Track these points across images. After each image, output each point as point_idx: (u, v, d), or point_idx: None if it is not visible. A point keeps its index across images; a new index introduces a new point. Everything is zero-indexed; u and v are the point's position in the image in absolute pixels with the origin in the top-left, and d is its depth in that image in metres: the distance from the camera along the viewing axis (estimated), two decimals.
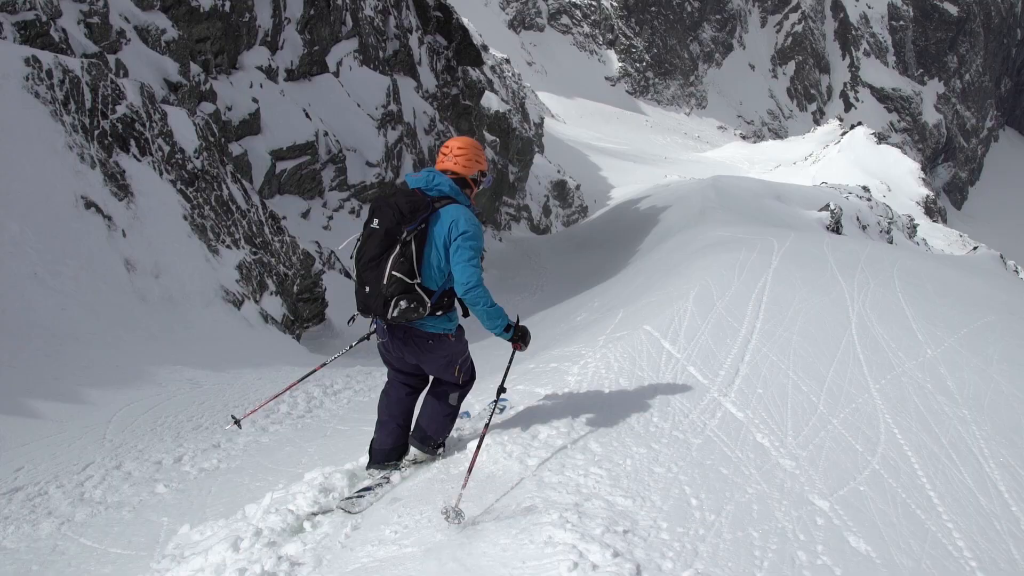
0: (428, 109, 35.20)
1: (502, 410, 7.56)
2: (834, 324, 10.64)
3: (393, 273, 5.84)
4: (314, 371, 7.68)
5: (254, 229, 18.64)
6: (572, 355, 9.51)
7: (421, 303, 5.93)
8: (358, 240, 6.11)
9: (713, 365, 8.54)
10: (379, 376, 13.60)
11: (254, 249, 18.13)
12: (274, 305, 18.02)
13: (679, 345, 9.10)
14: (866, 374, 8.65)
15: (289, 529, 6.06)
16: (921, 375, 8.76)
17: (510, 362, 6.83)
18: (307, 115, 26.45)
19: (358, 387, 12.85)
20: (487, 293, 6.03)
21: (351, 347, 7.71)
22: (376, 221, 5.94)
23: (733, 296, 11.71)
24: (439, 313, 6.15)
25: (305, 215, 25.90)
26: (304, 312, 19.89)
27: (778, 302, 11.52)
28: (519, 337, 6.31)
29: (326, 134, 27.23)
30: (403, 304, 5.85)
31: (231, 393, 11.89)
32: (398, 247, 5.85)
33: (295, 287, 19.52)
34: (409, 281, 5.87)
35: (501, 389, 6.63)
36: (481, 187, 6.47)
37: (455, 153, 6.29)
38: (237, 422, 6.88)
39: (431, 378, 6.68)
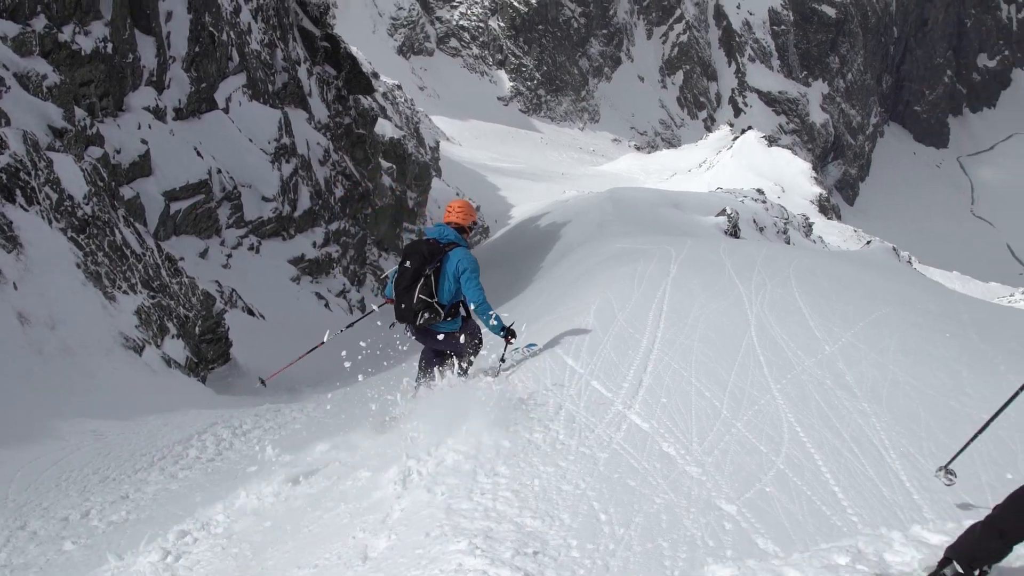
0: (322, 140, 34.92)
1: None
2: (733, 328, 10.77)
3: (419, 296, 9.18)
4: (319, 345, 11.52)
5: (151, 273, 18.33)
6: (476, 378, 9.50)
7: (437, 313, 9.28)
8: (395, 273, 9.58)
9: (616, 378, 8.58)
10: (288, 414, 13.44)
11: (152, 293, 17.82)
12: (176, 349, 17.70)
13: (582, 360, 9.13)
14: (767, 375, 8.75)
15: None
16: (820, 372, 8.90)
17: (504, 350, 9.99)
18: (199, 153, 26.10)
19: (267, 426, 12.66)
20: (489, 307, 9.39)
21: (352, 324, 11.78)
22: (408, 262, 9.29)
23: (633, 307, 11.79)
24: (448, 319, 9.44)
25: (203, 255, 25.53)
26: (208, 353, 19.57)
27: (678, 310, 11.63)
28: (510, 335, 9.61)
29: (219, 171, 26.88)
30: (426, 315, 9.23)
31: (137, 441, 11.65)
32: (422, 279, 9.19)
33: (197, 329, 19.21)
34: (429, 300, 9.21)
35: (501, 359, 10.01)
36: (473, 232, 10.05)
37: (456, 210, 9.79)
38: (263, 382, 10.71)
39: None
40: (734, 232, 48.41)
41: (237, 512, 7.26)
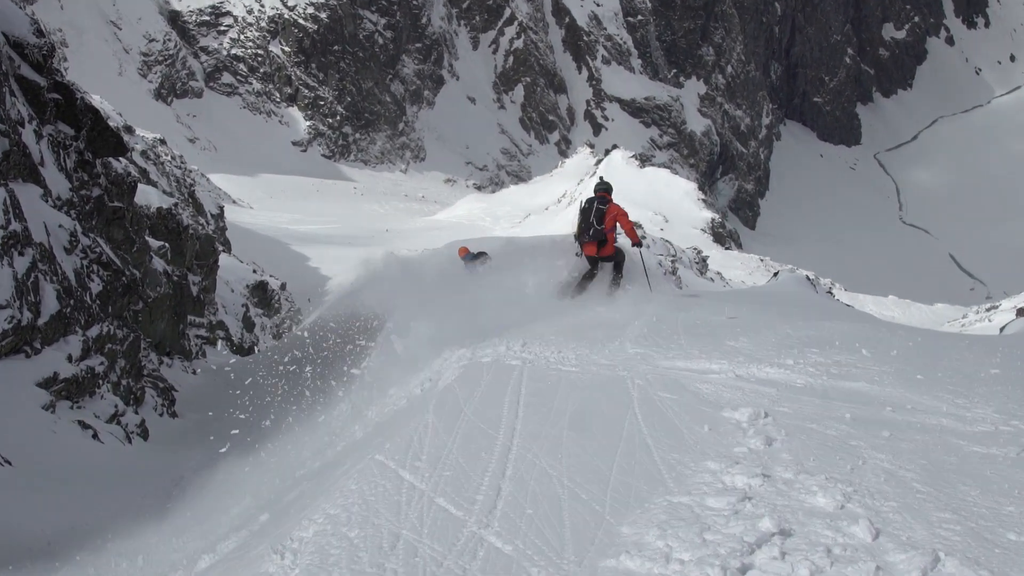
0: (65, 221, 34.12)
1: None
2: (612, 405, 10.78)
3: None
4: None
5: None
6: (291, 518, 9.30)
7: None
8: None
9: (468, 490, 8.48)
10: None
11: None
12: None
13: (421, 473, 8.98)
14: (657, 461, 8.77)
15: None
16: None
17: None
18: None
19: None
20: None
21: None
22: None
23: (484, 394, 11.70)
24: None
25: None
26: None
27: (540, 392, 11.61)
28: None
29: None
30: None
31: None
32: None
33: None
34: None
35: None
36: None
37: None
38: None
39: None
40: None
41: None
